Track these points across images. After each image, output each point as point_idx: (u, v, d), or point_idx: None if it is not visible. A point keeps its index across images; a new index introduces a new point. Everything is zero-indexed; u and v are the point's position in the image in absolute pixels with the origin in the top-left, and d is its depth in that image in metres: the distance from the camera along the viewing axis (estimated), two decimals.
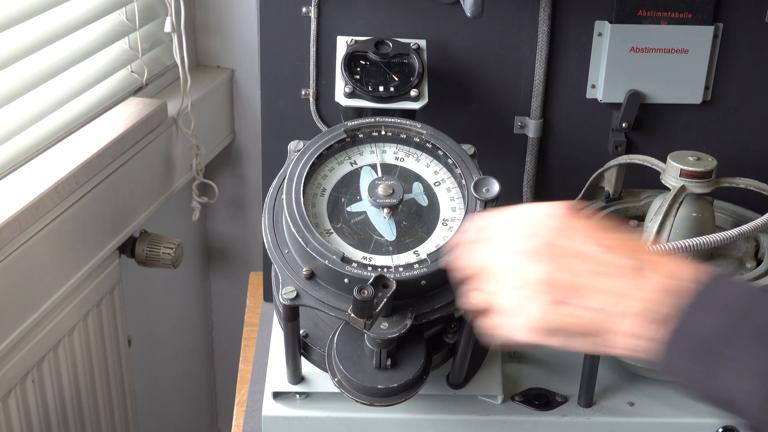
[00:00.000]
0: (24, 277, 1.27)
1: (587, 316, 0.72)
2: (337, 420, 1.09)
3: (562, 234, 0.75)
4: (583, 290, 0.73)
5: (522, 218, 0.78)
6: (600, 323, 0.72)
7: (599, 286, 0.72)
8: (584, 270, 0.73)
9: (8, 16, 1.24)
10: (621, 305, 0.71)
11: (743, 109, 1.33)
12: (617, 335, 0.72)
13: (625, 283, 0.72)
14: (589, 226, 0.76)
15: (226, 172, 1.86)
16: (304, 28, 1.25)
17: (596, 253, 0.74)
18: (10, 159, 1.32)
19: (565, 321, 0.73)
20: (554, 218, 0.77)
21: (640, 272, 0.72)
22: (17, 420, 1.31)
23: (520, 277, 0.75)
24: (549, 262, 0.74)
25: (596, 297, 0.72)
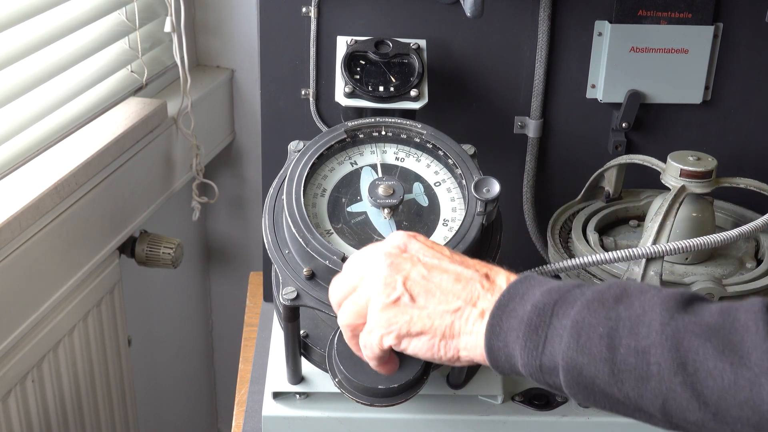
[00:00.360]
0: (24, 277, 1.27)
1: (425, 317, 0.77)
2: (337, 420, 1.09)
3: (398, 247, 0.82)
4: (419, 292, 0.78)
5: (372, 247, 0.85)
6: (438, 325, 0.77)
7: (436, 289, 0.78)
8: (419, 274, 0.79)
9: (8, 16, 1.24)
10: (458, 305, 0.76)
11: (743, 109, 1.33)
12: (458, 336, 0.76)
13: (475, 289, 0.77)
14: (427, 242, 0.83)
15: (226, 172, 1.86)
16: (304, 28, 1.25)
17: (433, 260, 0.80)
18: (10, 159, 1.32)
19: (403, 321, 0.78)
20: (393, 239, 0.83)
21: (481, 278, 0.78)
22: (17, 420, 1.31)
23: (362, 285, 0.81)
24: (386, 266, 0.80)
25: (433, 299, 0.77)
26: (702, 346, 0.66)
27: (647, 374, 0.67)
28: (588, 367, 0.69)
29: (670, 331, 0.67)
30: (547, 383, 0.73)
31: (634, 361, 0.68)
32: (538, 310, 0.72)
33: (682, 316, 0.68)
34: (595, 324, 0.69)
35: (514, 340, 0.73)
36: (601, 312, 0.70)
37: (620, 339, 0.68)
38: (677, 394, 0.66)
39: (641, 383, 0.68)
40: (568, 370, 0.70)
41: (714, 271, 1.17)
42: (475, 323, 0.76)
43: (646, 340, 0.67)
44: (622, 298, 0.71)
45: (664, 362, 0.67)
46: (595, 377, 0.69)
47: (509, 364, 0.75)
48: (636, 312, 0.69)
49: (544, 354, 0.71)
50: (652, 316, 0.68)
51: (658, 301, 0.69)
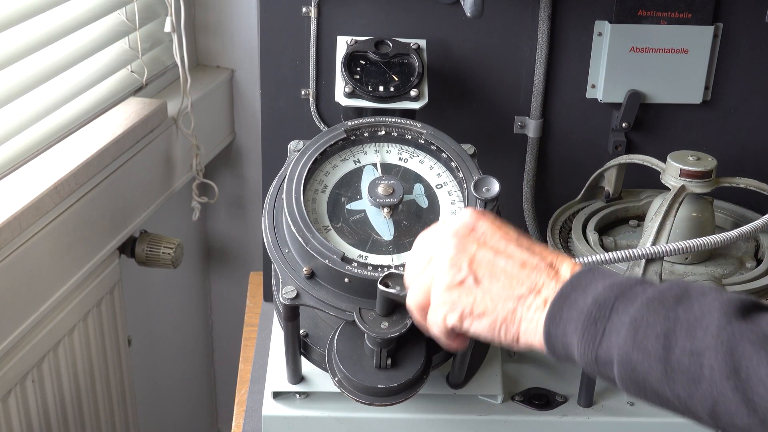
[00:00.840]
0: (24, 277, 1.27)
1: (488, 300, 0.79)
2: (337, 420, 1.09)
3: (467, 226, 0.83)
4: (484, 275, 0.79)
5: (442, 225, 0.86)
6: (501, 309, 0.78)
7: (500, 273, 0.79)
8: (486, 257, 0.80)
9: (8, 16, 1.24)
10: (522, 292, 0.78)
11: (743, 109, 1.33)
12: (519, 322, 0.78)
13: (538, 276, 0.78)
14: (495, 223, 0.84)
15: (226, 172, 1.86)
16: (304, 28, 1.25)
17: (499, 242, 0.81)
18: (10, 159, 1.32)
19: (465, 301, 0.79)
20: (462, 217, 0.84)
21: (545, 266, 0.79)
22: (17, 420, 1.31)
23: (430, 265, 0.82)
24: (453, 246, 0.81)
25: (497, 283, 0.79)
26: (756, 354, 0.66)
27: (699, 376, 0.68)
28: (642, 364, 0.70)
29: (726, 336, 0.68)
30: (601, 375, 0.74)
31: (688, 362, 0.69)
32: (599, 303, 0.73)
33: (740, 322, 0.68)
34: (654, 323, 0.71)
35: (573, 331, 0.74)
36: (661, 312, 0.71)
37: (676, 340, 0.69)
38: (727, 399, 0.67)
39: (693, 385, 0.69)
40: (622, 364, 0.71)
41: (714, 271, 1.17)
42: (537, 311, 0.77)
43: (702, 342, 0.68)
44: (683, 299, 0.71)
45: (717, 366, 0.67)
46: (648, 374, 0.71)
47: (566, 353, 0.76)
48: (695, 314, 0.70)
49: (600, 347, 0.73)
50: (709, 320, 0.69)
51: (717, 305, 0.70)
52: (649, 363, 0.70)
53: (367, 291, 0.95)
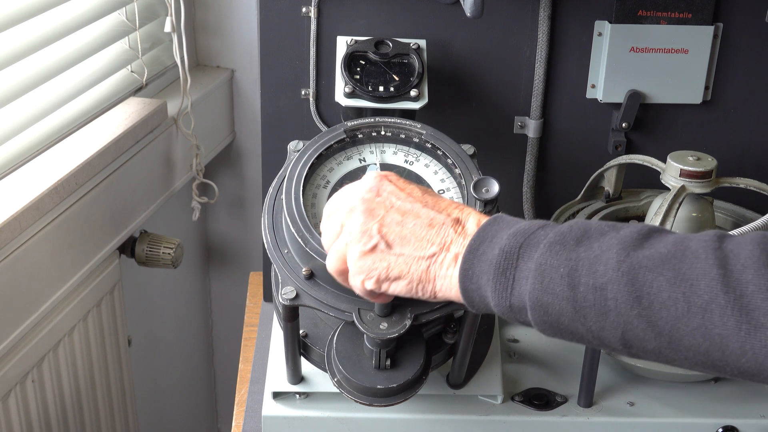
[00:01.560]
0: (24, 277, 1.27)
1: (401, 263, 0.81)
2: (336, 420, 1.09)
3: (372, 190, 0.85)
4: (394, 239, 0.82)
5: (349, 189, 0.88)
6: (415, 270, 0.81)
7: (410, 235, 0.81)
8: (394, 220, 0.82)
9: (8, 16, 1.24)
10: (433, 251, 0.80)
11: (743, 109, 1.33)
12: (434, 280, 0.81)
13: (448, 234, 0.81)
14: (399, 184, 0.86)
15: (226, 172, 1.86)
16: (304, 28, 1.25)
17: (404, 204, 0.83)
18: (10, 159, 1.32)
19: (380, 267, 0.82)
20: (366, 181, 0.86)
21: (453, 223, 0.81)
22: (17, 420, 1.31)
23: (342, 232, 0.85)
24: (361, 213, 0.83)
25: (408, 245, 0.81)
26: (655, 280, 0.70)
27: (606, 309, 0.71)
28: (552, 306, 0.74)
29: (626, 267, 0.71)
30: (519, 321, 0.78)
31: (593, 297, 0.72)
32: (505, 253, 0.76)
33: (638, 251, 0.71)
34: (557, 265, 0.74)
35: (486, 283, 0.77)
36: (563, 254, 0.74)
37: (579, 278, 0.72)
38: (634, 326, 0.71)
39: (601, 318, 0.72)
40: (535, 309, 0.75)
41: None
42: (449, 267, 0.80)
43: (603, 277, 0.71)
44: (582, 239, 0.74)
45: (620, 297, 0.71)
46: (560, 315, 0.74)
47: (483, 304, 0.79)
48: (594, 252, 0.73)
49: (512, 295, 0.76)
50: (609, 255, 0.72)
51: (615, 241, 0.73)
52: (559, 304, 0.73)
53: None
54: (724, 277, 0.67)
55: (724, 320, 0.67)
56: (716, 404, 1.15)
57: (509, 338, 1.23)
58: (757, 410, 1.14)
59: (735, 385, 1.17)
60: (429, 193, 0.86)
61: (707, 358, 0.69)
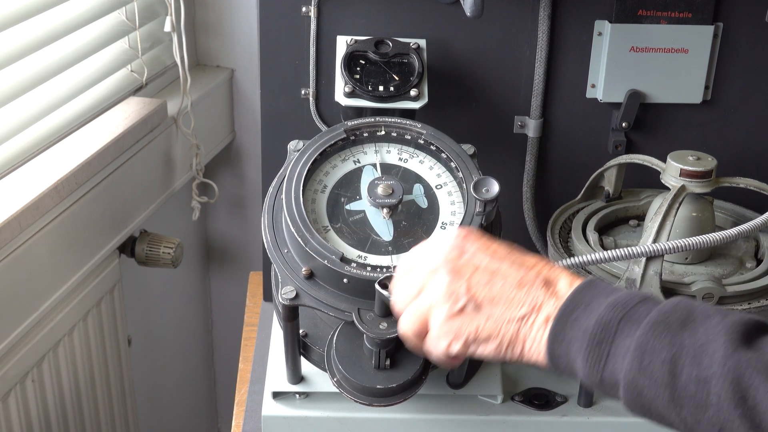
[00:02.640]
0: (24, 277, 1.27)
1: (491, 325, 0.78)
2: (336, 420, 1.09)
3: (456, 249, 0.82)
4: (483, 300, 0.79)
5: (428, 248, 0.85)
6: (505, 332, 0.78)
7: (500, 296, 0.79)
8: (482, 281, 0.80)
9: (8, 16, 1.24)
10: (523, 313, 0.78)
11: (743, 109, 1.33)
12: (523, 342, 0.78)
13: (537, 296, 0.78)
14: (483, 242, 0.83)
15: (226, 172, 1.86)
16: (304, 28, 1.25)
17: (492, 263, 0.81)
18: (10, 159, 1.32)
19: (468, 329, 0.79)
20: (449, 240, 0.84)
21: (543, 283, 0.79)
22: (17, 420, 1.31)
23: (425, 293, 0.82)
24: (447, 273, 0.81)
25: (497, 307, 0.78)
26: (763, 383, 0.67)
27: (707, 403, 0.69)
28: (649, 390, 0.71)
29: (732, 364, 0.68)
30: (606, 394, 0.75)
31: (694, 389, 0.69)
32: (603, 325, 0.74)
33: (745, 349, 0.69)
34: (659, 348, 0.71)
35: (577, 351, 0.75)
36: (666, 337, 0.71)
37: (682, 366, 0.70)
38: (735, 425, 0.68)
39: (700, 411, 0.69)
40: (628, 389, 0.72)
41: (714, 271, 1.17)
42: (539, 329, 0.77)
43: (708, 370, 0.69)
44: (687, 323, 0.72)
45: (724, 394, 0.68)
46: (654, 399, 0.71)
47: (570, 371, 0.76)
48: (700, 340, 0.70)
49: (605, 369, 0.73)
50: (715, 347, 0.69)
51: (722, 329, 0.70)
52: (656, 389, 0.71)
53: (366, 291, 0.95)
54: None
55: None
56: None
57: None
58: None
59: None
60: (514, 250, 0.83)
61: None
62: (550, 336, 0.76)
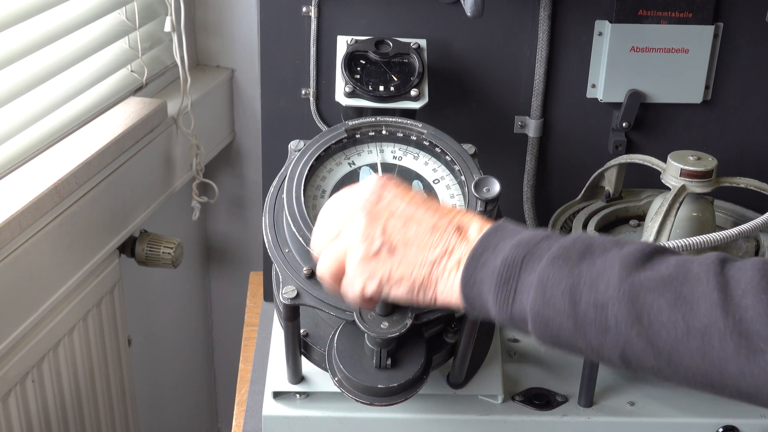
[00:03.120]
0: (24, 277, 1.27)
1: (404, 268, 0.81)
2: (337, 420, 1.09)
3: (374, 195, 0.85)
4: (397, 243, 0.82)
5: (347, 194, 0.88)
6: (417, 274, 0.81)
7: (413, 240, 0.82)
8: (396, 225, 0.82)
9: (8, 16, 1.24)
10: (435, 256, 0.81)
11: (743, 109, 1.33)
12: (435, 284, 0.81)
13: (450, 239, 0.81)
14: (401, 190, 0.86)
15: (226, 172, 1.86)
16: (304, 28, 1.25)
17: (407, 209, 0.83)
18: (10, 159, 1.32)
19: (382, 270, 0.82)
20: (367, 187, 0.86)
21: (455, 229, 0.81)
22: (17, 420, 1.31)
23: (341, 236, 0.85)
24: (363, 217, 0.83)
25: (411, 250, 0.81)
26: (656, 300, 0.70)
27: (606, 326, 0.72)
28: (553, 320, 0.74)
29: (627, 286, 0.71)
30: (519, 330, 0.78)
31: (594, 314, 0.73)
32: (508, 264, 0.77)
33: (639, 272, 0.72)
34: (559, 280, 0.74)
35: (487, 291, 0.78)
36: (565, 269, 0.74)
37: (581, 294, 0.73)
38: (634, 344, 0.71)
39: (601, 335, 0.73)
40: (535, 321, 0.75)
41: None
42: (451, 272, 0.80)
43: (605, 294, 0.72)
44: (585, 255, 0.75)
45: (621, 315, 0.71)
46: (560, 328, 0.74)
47: (484, 311, 0.79)
48: (597, 270, 0.73)
49: (514, 306, 0.76)
50: (611, 273, 0.73)
51: (618, 258, 0.73)
52: (560, 318, 0.74)
53: None
54: (724, 302, 0.68)
55: (723, 344, 0.67)
56: (716, 404, 1.15)
57: (509, 338, 1.23)
58: (758, 410, 1.14)
59: None
60: (430, 200, 0.86)
61: (706, 379, 0.70)
62: (463, 279, 0.79)
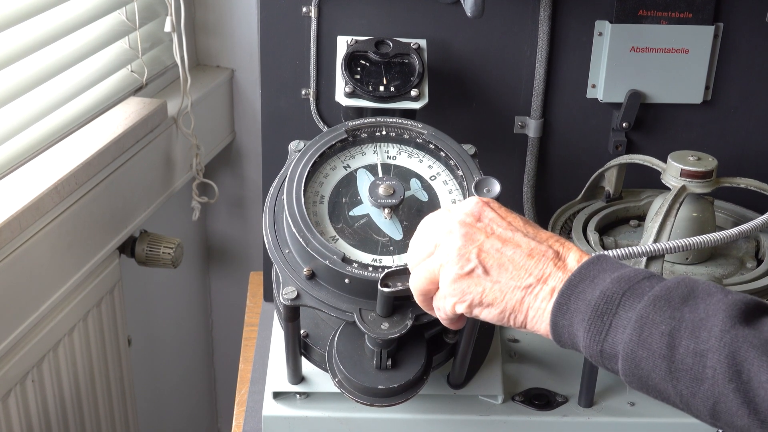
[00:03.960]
0: (24, 277, 1.27)
1: (497, 291, 0.80)
2: (337, 420, 1.09)
3: (472, 215, 0.83)
4: (492, 265, 0.80)
5: (446, 212, 0.86)
6: (509, 299, 0.79)
7: (508, 263, 0.80)
8: (493, 246, 0.81)
9: (8, 16, 1.24)
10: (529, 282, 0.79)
11: (743, 109, 1.33)
12: (526, 311, 0.79)
13: (546, 267, 0.79)
14: (500, 211, 0.85)
15: (226, 172, 1.86)
16: (304, 28, 1.25)
17: (506, 232, 0.82)
18: (10, 159, 1.32)
19: (474, 291, 0.80)
20: (467, 206, 0.85)
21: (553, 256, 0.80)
22: (17, 420, 1.31)
23: (437, 253, 0.83)
24: (460, 236, 0.82)
25: (505, 273, 0.80)
26: (758, 359, 0.68)
27: (702, 377, 0.70)
28: (646, 361, 0.72)
29: (729, 339, 0.69)
30: (605, 367, 0.76)
31: (691, 362, 0.70)
32: (606, 297, 0.74)
33: (743, 326, 0.70)
34: (659, 321, 0.72)
35: (579, 322, 0.75)
36: (666, 311, 0.72)
37: (680, 339, 0.71)
38: (728, 400, 0.69)
39: (695, 384, 0.70)
40: (626, 360, 0.73)
41: (714, 271, 1.17)
42: (544, 300, 0.78)
43: (705, 344, 0.70)
44: (689, 299, 0.73)
45: (719, 368, 0.69)
46: (651, 371, 0.72)
47: (572, 342, 0.77)
48: (699, 315, 0.71)
49: (606, 341, 0.74)
50: (714, 322, 0.70)
51: (722, 306, 0.71)
52: (653, 360, 0.72)
53: (367, 291, 0.95)
54: None
55: None
56: None
57: (509, 338, 1.23)
58: None
59: None
60: (530, 223, 0.84)
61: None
62: (555, 307, 0.77)
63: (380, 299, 0.93)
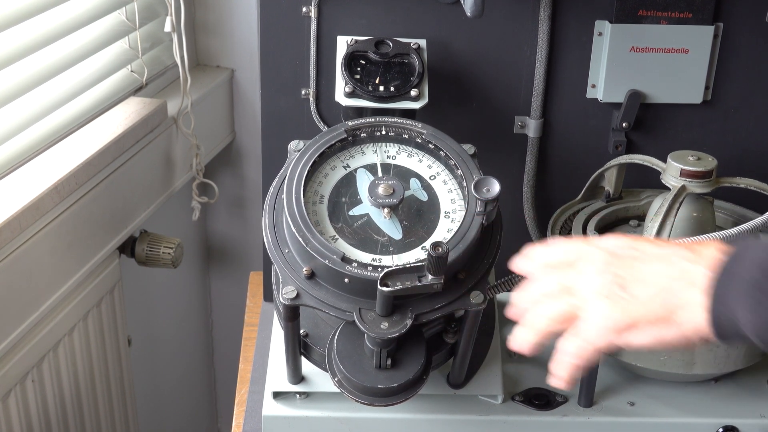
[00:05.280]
0: (24, 277, 1.27)
1: (639, 305, 0.77)
2: (337, 420, 1.09)
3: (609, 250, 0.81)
4: (630, 282, 0.78)
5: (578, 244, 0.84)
6: (667, 304, 0.76)
7: (657, 271, 0.77)
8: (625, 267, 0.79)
9: (8, 16, 1.24)
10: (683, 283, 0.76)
11: (743, 109, 1.33)
12: (686, 311, 0.75)
13: (683, 265, 0.76)
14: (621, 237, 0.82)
15: (226, 172, 1.86)
16: (304, 28, 1.25)
17: (649, 245, 0.80)
18: (10, 159, 1.32)
19: (633, 308, 0.77)
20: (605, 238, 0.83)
21: (695, 256, 0.76)
22: (17, 420, 1.31)
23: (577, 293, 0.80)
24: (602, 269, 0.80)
25: (656, 281, 0.77)
26: None
27: None
28: None
29: None
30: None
31: None
32: (764, 270, 0.71)
33: None
34: None
35: (741, 303, 0.72)
36: None
37: None
38: None
39: None
40: None
41: None
42: (689, 293, 0.76)
43: None
44: None
45: None
46: None
47: (733, 328, 0.73)
48: None
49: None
50: None
51: None
52: None
53: (367, 291, 0.95)
54: None
55: None
56: (716, 404, 1.15)
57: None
58: (757, 410, 1.14)
59: (735, 385, 1.18)
60: (657, 239, 0.83)
61: None
62: (712, 294, 0.74)
63: (380, 299, 0.93)
